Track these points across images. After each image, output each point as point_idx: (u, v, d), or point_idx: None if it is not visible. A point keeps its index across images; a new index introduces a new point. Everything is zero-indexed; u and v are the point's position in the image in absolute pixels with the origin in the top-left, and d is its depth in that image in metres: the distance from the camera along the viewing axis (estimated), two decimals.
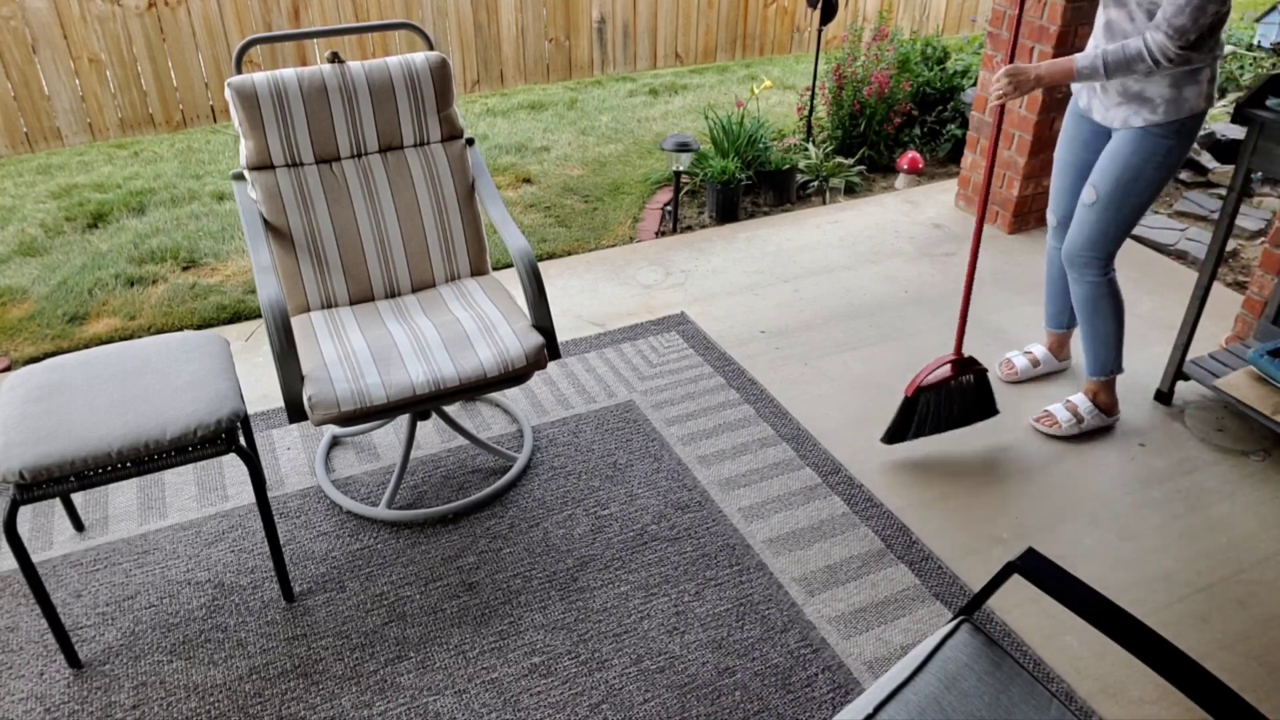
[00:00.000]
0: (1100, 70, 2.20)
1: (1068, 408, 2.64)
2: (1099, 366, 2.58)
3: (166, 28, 4.47)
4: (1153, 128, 2.26)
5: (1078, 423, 2.61)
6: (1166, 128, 2.25)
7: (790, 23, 6.04)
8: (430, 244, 2.49)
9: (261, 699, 1.89)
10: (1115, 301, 2.50)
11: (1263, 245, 2.87)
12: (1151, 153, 2.28)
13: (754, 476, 2.48)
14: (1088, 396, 2.64)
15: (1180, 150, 2.28)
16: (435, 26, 5.02)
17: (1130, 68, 2.16)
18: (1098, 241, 2.41)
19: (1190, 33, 2.06)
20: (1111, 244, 2.41)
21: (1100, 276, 2.46)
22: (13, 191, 4.12)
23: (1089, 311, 2.52)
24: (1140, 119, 2.27)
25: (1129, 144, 2.30)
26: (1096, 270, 2.45)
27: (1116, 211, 2.36)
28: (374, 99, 2.38)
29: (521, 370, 2.15)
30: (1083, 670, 1.96)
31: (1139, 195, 2.33)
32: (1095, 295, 2.48)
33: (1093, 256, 2.43)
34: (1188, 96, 2.21)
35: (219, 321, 3.22)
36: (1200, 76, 2.19)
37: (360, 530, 2.31)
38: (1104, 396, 2.62)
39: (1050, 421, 2.64)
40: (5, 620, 2.06)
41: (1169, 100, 2.22)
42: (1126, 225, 2.38)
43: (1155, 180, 2.31)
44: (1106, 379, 2.60)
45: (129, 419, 1.84)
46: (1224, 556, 2.25)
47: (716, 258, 3.61)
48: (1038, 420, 2.66)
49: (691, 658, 1.98)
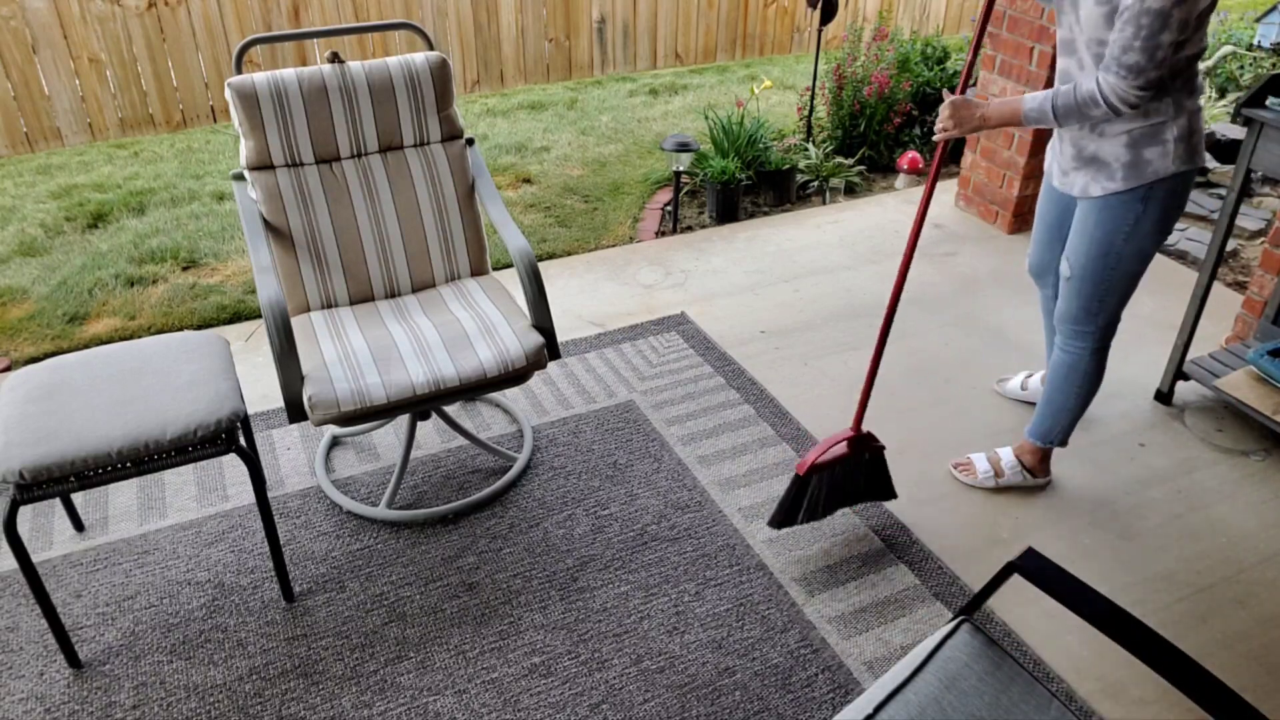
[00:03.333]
0: (1049, 114, 1.94)
1: (990, 460, 2.45)
2: (1041, 432, 2.37)
3: (166, 28, 4.47)
4: (1112, 196, 2.00)
5: (995, 477, 2.43)
6: (1127, 196, 1.99)
7: (790, 23, 6.04)
8: (430, 244, 2.48)
9: (261, 699, 1.89)
10: (1091, 379, 2.27)
11: (1263, 245, 2.87)
12: (1117, 224, 2.02)
13: (754, 476, 2.48)
14: (1015, 454, 2.44)
15: (1152, 217, 2.00)
16: (435, 26, 5.02)
17: (1083, 113, 1.90)
18: (1080, 316, 2.18)
19: (1148, 71, 1.79)
20: (1100, 317, 2.18)
21: (1086, 350, 2.23)
22: (13, 191, 4.12)
23: (1059, 379, 2.30)
24: (1098, 186, 2.02)
25: (1091, 216, 2.06)
26: (1084, 342, 2.22)
27: (1095, 286, 2.12)
28: (374, 99, 2.38)
29: (521, 370, 2.15)
30: (1083, 670, 1.96)
31: (1114, 269, 2.08)
32: (1073, 366, 2.26)
33: (1079, 329, 2.21)
34: (1149, 159, 1.94)
35: (219, 321, 3.22)
36: (1163, 135, 1.92)
37: (360, 530, 2.31)
38: (1031, 459, 2.42)
39: (969, 471, 2.46)
40: (5, 620, 2.06)
41: (1126, 164, 1.96)
42: (1114, 297, 2.14)
43: (1130, 252, 2.05)
44: (1044, 447, 2.40)
45: (129, 419, 1.84)
46: (1224, 556, 2.25)
47: (716, 258, 3.61)
48: (956, 466, 2.49)
49: (691, 658, 1.98)
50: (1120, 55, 1.80)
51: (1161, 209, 1.99)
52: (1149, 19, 1.74)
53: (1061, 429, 2.35)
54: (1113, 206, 2.02)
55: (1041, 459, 2.43)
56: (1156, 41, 1.76)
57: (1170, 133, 1.92)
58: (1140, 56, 1.78)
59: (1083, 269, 2.12)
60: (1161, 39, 1.75)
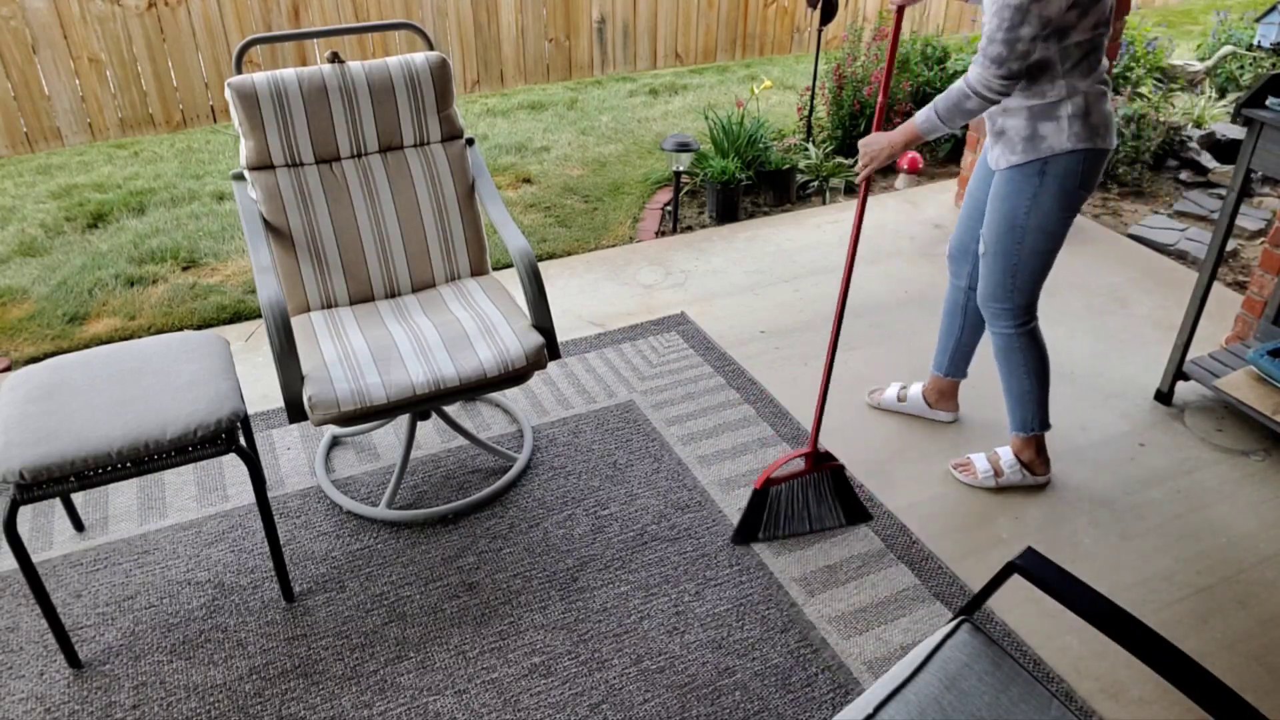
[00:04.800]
0: (935, 120, 2.05)
1: (990, 459, 2.46)
2: (1017, 423, 2.40)
3: (166, 28, 4.47)
4: (1012, 170, 2.10)
5: (995, 476, 2.43)
6: (1026, 169, 2.07)
7: (790, 23, 6.04)
8: (430, 244, 2.48)
9: (261, 699, 1.89)
10: (1031, 355, 2.30)
11: (1263, 245, 2.87)
12: (1018, 197, 2.11)
13: (754, 476, 2.47)
14: (1012, 450, 2.45)
15: (1051, 194, 2.07)
16: (435, 26, 5.02)
17: (960, 108, 2.00)
18: (997, 292, 2.24)
19: (1009, 62, 1.90)
20: (1017, 294, 2.22)
21: (1012, 328, 2.27)
22: (13, 191, 4.12)
23: (1001, 364, 2.35)
24: (1005, 159, 2.12)
25: (999, 188, 2.15)
26: (1007, 321, 2.27)
27: (1006, 260, 2.18)
28: (374, 99, 2.38)
29: (521, 370, 2.15)
30: (1083, 670, 1.96)
31: (1020, 243, 2.15)
32: (1006, 347, 2.31)
33: (1000, 308, 2.26)
34: (1044, 134, 2.03)
35: (219, 321, 3.22)
36: (1059, 113, 2.00)
37: (360, 530, 2.31)
38: (1028, 454, 2.42)
39: (967, 470, 2.47)
40: (5, 620, 2.06)
41: (1025, 139, 2.06)
42: (1026, 273, 2.19)
43: (1034, 226, 2.11)
44: (1028, 437, 2.40)
45: (129, 419, 1.84)
46: (1224, 556, 2.25)
47: (716, 258, 3.61)
48: (955, 465, 2.50)
49: (691, 658, 1.98)
50: (985, 46, 1.93)
51: (1059, 185, 2.07)
52: (1009, 13, 1.87)
53: (1033, 414, 2.38)
54: (1014, 179, 2.11)
55: (1037, 452, 2.43)
56: (1016, 34, 1.88)
57: (1065, 110, 2.00)
58: (1002, 48, 1.90)
59: (993, 243, 2.20)
60: (1021, 32, 1.87)
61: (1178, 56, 5.66)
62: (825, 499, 2.30)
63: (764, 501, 2.23)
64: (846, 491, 2.31)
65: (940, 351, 2.62)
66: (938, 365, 2.64)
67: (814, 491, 2.29)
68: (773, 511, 2.25)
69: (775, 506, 2.25)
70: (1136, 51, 4.71)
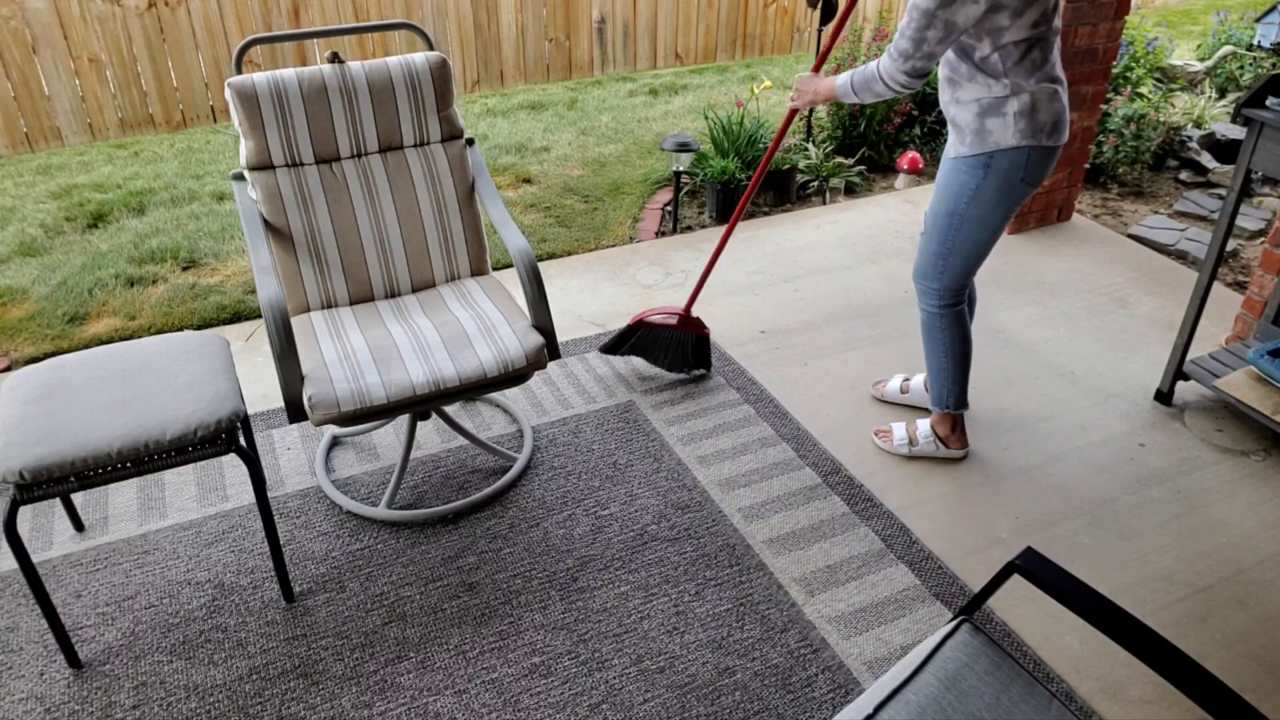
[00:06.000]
0: (849, 90, 2.16)
1: (908, 429, 2.55)
2: (935, 398, 2.49)
3: (166, 28, 4.47)
4: (960, 160, 2.16)
5: (909, 445, 2.53)
6: (972, 161, 2.13)
7: (790, 23, 6.04)
8: (430, 244, 2.48)
9: (261, 699, 1.89)
10: (951, 336, 2.37)
11: (1263, 245, 2.87)
12: (960, 187, 2.17)
13: (754, 476, 2.48)
14: (930, 422, 2.54)
15: (993, 185, 2.13)
16: (435, 26, 5.02)
17: (869, 88, 2.12)
18: (928, 271, 2.31)
19: (914, 58, 1.99)
20: (945, 277, 2.28)
21: (933, 307, 2.35)
22: (13, 191, 4.12)
23: (925, 338, 2.43)
24: (955, 149, 2.19)
25: (945, 175, 2.22)
26: (932, 299, 2.34)
27: (940, 244, 2.25)
28: (374, 99, 2.38)
29: (521, 370, 2.15)
30: (1083, 670, 1.96)
31: (960, 230, 2.21)
32: (929, 324, 2.39)
33: (928, 286, 2.34)
34: (990, 129, 2.08)
35: (219, 321, 3.22)
36: (1005, 109, 2.05)
37: (360, 530, 2.31)
38: (943, 429, 2.51)
39: (885, 436, 2.58)
40: (5, 620, 2.06)
41: (973, 131, 2.11)
42: (959, 259, 2.25)
43: (972, 216, 2.18)
44: (944, 413, 2.49)
45: (129, 419, 1.84)
46: (1224, 556, 2.25)
47: None
48: (876, 433, 2.60)
49: (691, 658, 1.98)
50: (896, 39, 2.02)
51: (1002, 179, 2.12)
52: (917, 15, 1.96)
53: (949, 393, 2.46)
54: (960, 170, 2.18)
55: (951, 428, 2.52)
56: (922, 35, 1.96)
57: (1010, 107, 2.06)
58: (908, 44, 1.99)
59: (931, 224, 2.28)
60: (927, 34, 1.96)
61: (1178, 56, 5.66)
62: (688, 352, 2.82)
63: (633, 333, 2.82)
64: (704, 350, 2.84)
65: None
66: None
67: (679, 344, 2.81)
68: (639, 342, 2.83)
69: (642, 340, 2.82)
70: (1136, 51, 4.71)
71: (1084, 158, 3.77)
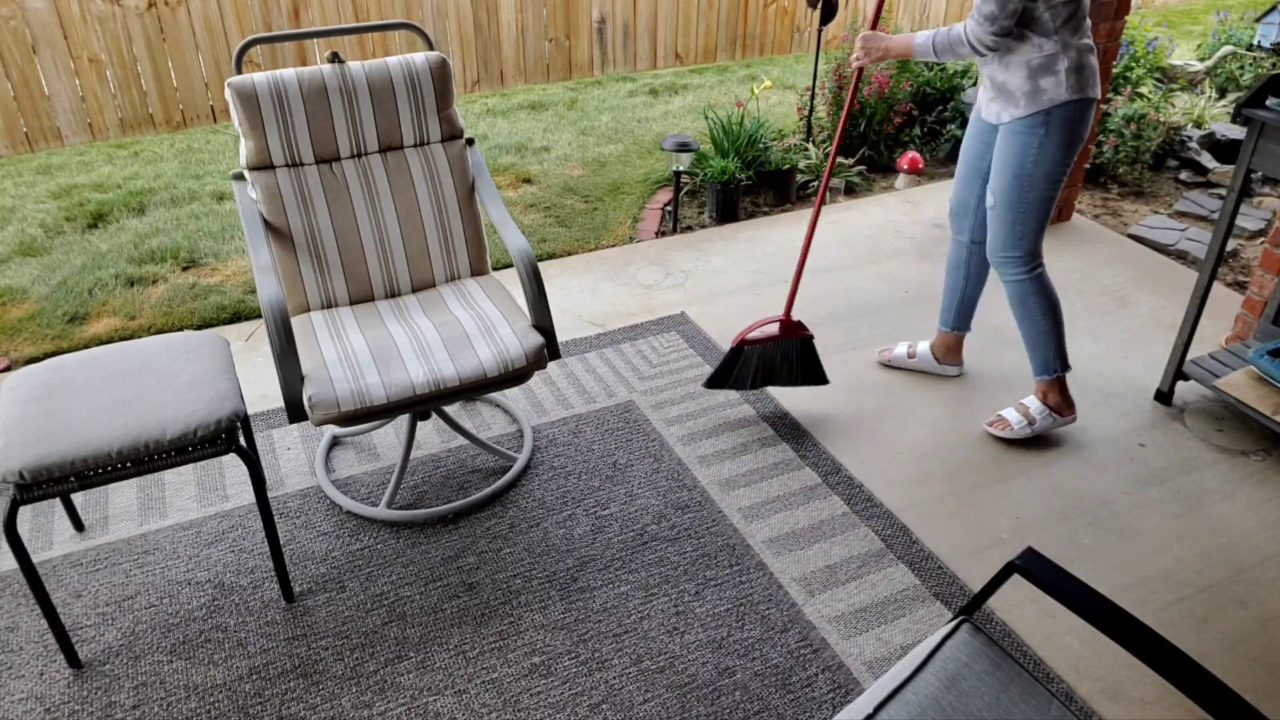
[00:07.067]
0: (930, 49, 2.27)
1: (1019, 409, 2.60)
2: (1040, 366, 2.55)
3: (166, 28, 4.47)
4: (1017, 122, 2.28)
5: (1029, 424, 2.57)
6: (1030, 120, 2.26)
7: (790, 23, 6.04)
8: (430, 244, 2.48)
9: (261, 699, 1.89)
10: (1045, 299, 2.46)
11: (1263, 245, 2.87)
12: (1024, 147, 2.29)
13: (754, 476, 2.48)
14: (1038, 397, 2.59)
15: (1055, 142, 2.26)
16: (435, 26, 5.02)
17: (954, 50, 2.24)
18: (1008, 241, 2.41)
19: (1000, 19, 2.12)
20: (1024, 241, 2.40)
21: (1024, 274, 2.43)
22: (13, 191, 4.12)
23: (1019, 310, 2.50)
24: (1008, 114, 2.30)
25: (1004, 141, 2.33)
26: (1017, 268, 2.43)
27: (1015, 210, 2.36)
28: (374, 99, 2.38)
29: (521, 370, 2.15)
30: (1083, 670, 1.96)
31: (1030, 190, 2.32)
32: (1022, 293, 2.46)
33: (1009, 256, 2.42)
34: (1044, 88, 2.21)
35: (219, 321, 3.22)
36: (1056, 67, 2.19)
37: (360, 530, 2.31)
38: (1053, 397, 2.57)
39: (1002, 425, 2.61)
40: (5, 620, 2.06)
41: (1026, 93, 2.24)
42: (1033, 220, 2.37)
43: (1040, 174, 2.30)
44: (1052, 379, 2.55)
45: (129, 419, 1.84)
46: (1224, 556, 2.25)
47: (716, 258, 3.61)
48: (990, 424, 2.63)
49: (691, 658, 1.98)
50: (980, 4, 2.14)
51: (1061, 133, 2.26)
52: None
53: (1055, 354, 2.52)
54: (1019, 131, 2.29)
55: (1060, 394, 2.56)
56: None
57: (1061, 64, 2.20)
58: (993, 7, 2.12)
59: (1002, 193, 2.37)
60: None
61: (1178, 56, 5.66)
62: (795, 364, 2.62)
63: (738, 358, 2.58)
64: (813, 359, 2.62)
65: (945, 308, 2.80)
66: (944, 321, 2.81)
67: (785, 355, 2.61)
68: (744, 366, 2.59)
69: (748, 364, 2.59)
70: (1136, 51, 4.71)
71: (1084, 158, 3.77)
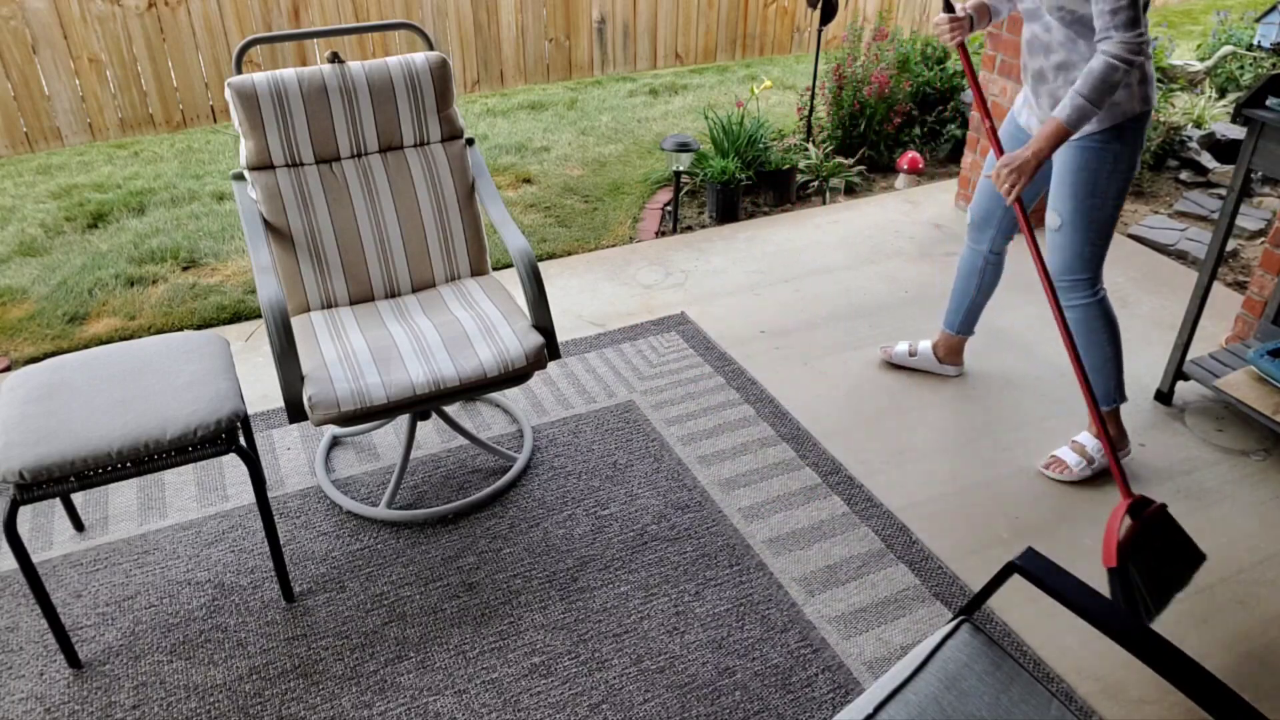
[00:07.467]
0: (1086, 105, 2.05)
1: (1074, 449, 2.48)
2: (1102, 396, 2.43)
3: (166, 28, 4.47)
4: (1090, 139, 2.18)
5: (1088, 464, 2.45)
6: (1105, 135, 2.17)
7: (790, 23, 6.05)
8: (430, 244, 2.48)
9: (261, 699, 1.89)
10: (1109, 323, 2.36)
11: (1263, 245, 2.87)
12: (1099, 164, 2.20)
13: (754, 476, 2.48)
14: (1092, 434, 2.48)
15: (1128, 155, 2.19)
16: (435, 26, 5.02)
17: (1109, 83, 2.02)
18: (1075, 264, 2.30)
19: (1139, 21, 2.00)
20: (1091, 263, 2.30)
21: (1089, 297, 2.33)
22: (13, 191, 4.12)
23: (1083, 337, 2.37)
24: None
25: (1076, 159, 2.22)
26: (1083, 291, 2.33)
27: (1085, 230, 2.26)
28: (374, 99, 2.38)
29: (521, 370, 2.15)
30: (1083, 670, 1.96)
31: (1101, 209, 2.24)
32: (1087, 318, 2.35)
33: (1077, 279, 2.32)
34: (1118, 101, 2.13)
35: (219, 321, 3.22)
36: (1128, 79, 2.11)
37: (360, 530, 2.31)
38: (1114, 428, 2.47)
39: (1059, 467, 2.47)
40: (5, 620, 2.06)
41: None
42: (1100, 240, 2.28)
43: (1112, 190, 2.22)
44: (1110, 409, 2.45)
45: (129, 419, 1.84)
46: (1224, 556, 2.25)
47: (716, 258, 3.61)
48: (1046, 466, 2.49)
49: (691, 658, 1.98)
50: (1112, 19, 1.99)
51: (1133, 145, 2.19)
52: None
53: (1116, 384, 2.43)
54: (1093, 148, 2.19)
55: (1118, 426, 2.48)
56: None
57: (1133, 76, 2.11)
58: (1129, 12, 1.98)
59: (1073, 212, 2.25)
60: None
61: (1178, 56, 5.66)
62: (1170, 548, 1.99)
63: (1127, 579, 1.89)
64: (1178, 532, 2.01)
65: (953, 311, 2.77)
66: (949, 324, 2.79)
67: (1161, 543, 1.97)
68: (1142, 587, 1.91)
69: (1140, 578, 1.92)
70: None
71: None
